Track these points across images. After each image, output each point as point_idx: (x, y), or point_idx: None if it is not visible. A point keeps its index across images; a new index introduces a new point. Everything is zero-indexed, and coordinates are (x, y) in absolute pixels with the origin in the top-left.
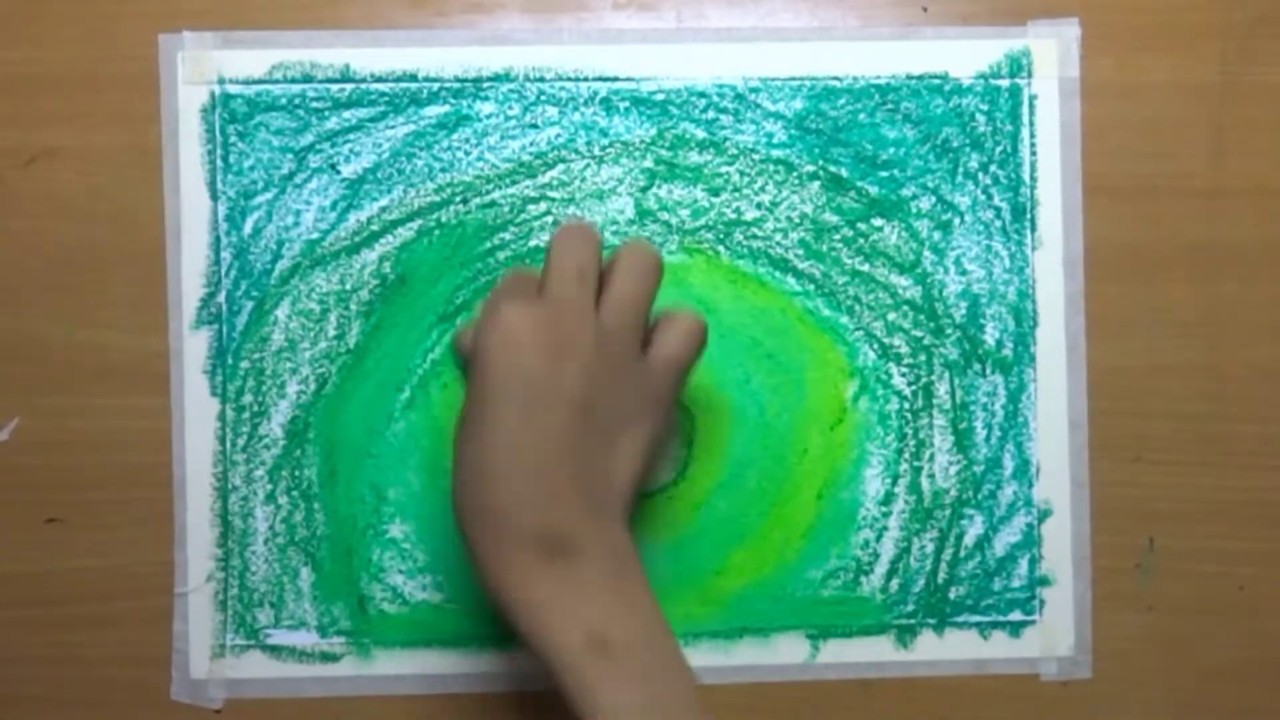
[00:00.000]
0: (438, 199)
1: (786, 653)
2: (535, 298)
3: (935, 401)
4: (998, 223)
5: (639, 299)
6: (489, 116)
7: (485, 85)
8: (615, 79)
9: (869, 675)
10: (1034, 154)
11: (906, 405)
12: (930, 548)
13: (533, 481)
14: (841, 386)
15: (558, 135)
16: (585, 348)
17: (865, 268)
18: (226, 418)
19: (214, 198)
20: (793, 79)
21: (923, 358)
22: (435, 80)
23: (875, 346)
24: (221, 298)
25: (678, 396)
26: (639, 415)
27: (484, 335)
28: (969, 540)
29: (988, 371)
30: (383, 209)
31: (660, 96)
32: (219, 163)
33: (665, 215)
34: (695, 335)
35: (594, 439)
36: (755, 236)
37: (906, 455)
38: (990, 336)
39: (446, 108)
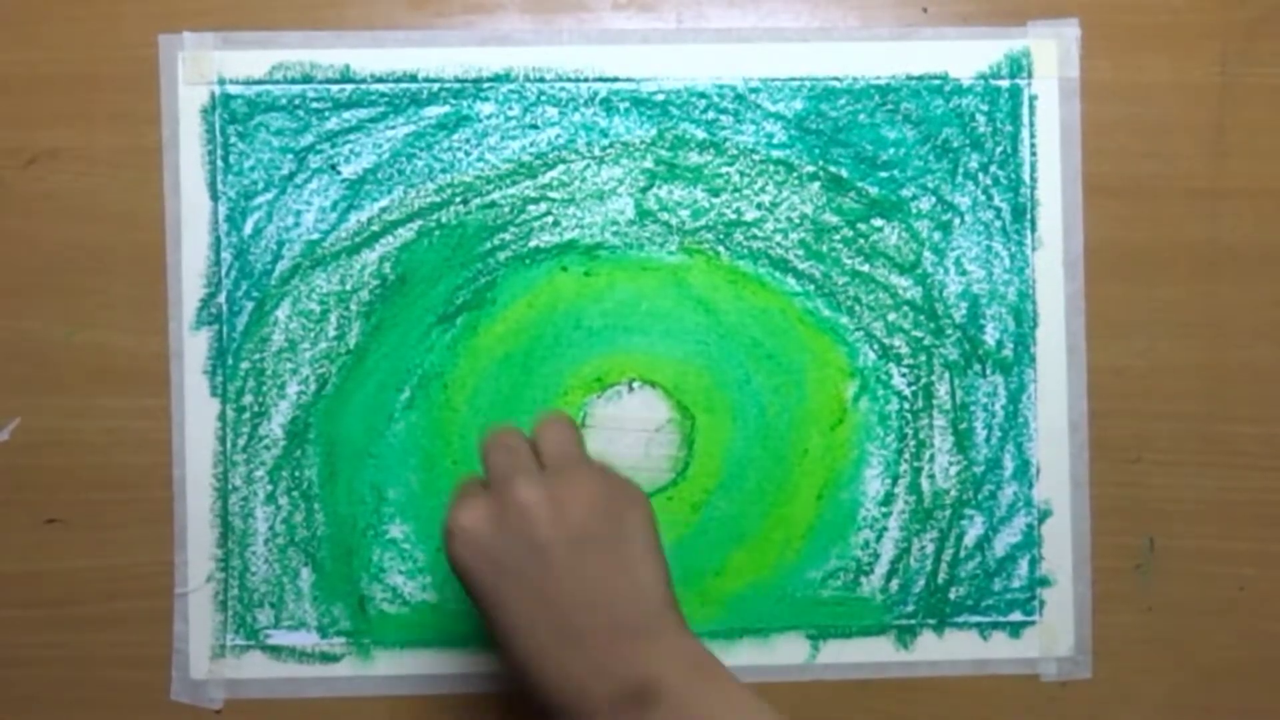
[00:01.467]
0: (438, 199)
1: (786, 653)
2: (482, 493)
3: (935, 402)
4: (998, 223)
5: (572, 438)
6: (489, 117)
7: (485, 86)
8: (615, 79)
9: (869, 676)
10: (1034, 154)
11: (907, 406)
12: (930, 548)
13: (580, 652)
14: (842, 387)
15: (558, 136)
16: (542, 505)
17: (865, 268)
18: (227, 418)
19: (214, 198)
20: (793, 79)
21: (923, 358)
22: (435, 81)
23: (875, 347)
24: (222, 298)
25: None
26: (627, 518)
27: (451, 550)
28: (969, 541)
29: (988, 372)
30: (383, 209)
31: (660, 97)
32: (219, 163)
33: (665, 216)
34: (566, 420)
35: (605, 570)
36: (755, 237)
37: (907, 456)
38: (990, 337)
39: (447, 108)
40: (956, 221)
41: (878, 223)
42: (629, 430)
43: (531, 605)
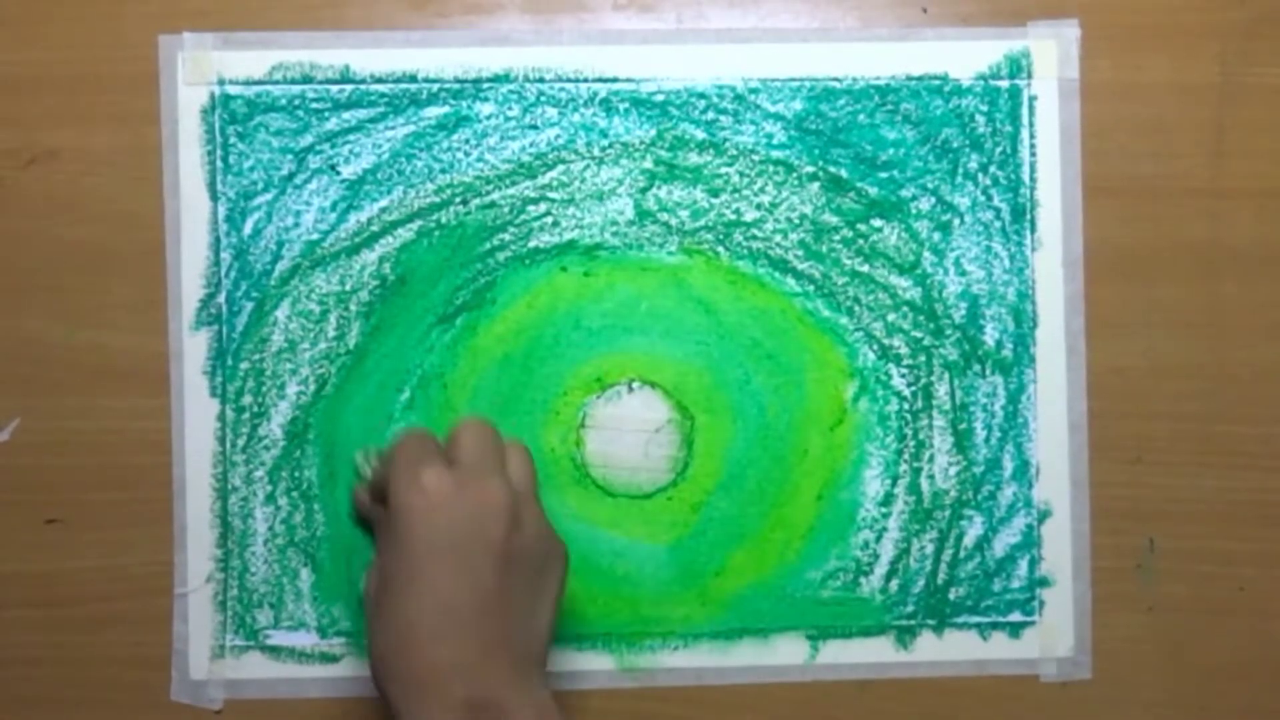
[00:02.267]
0: (437, 200)
1: (786, 653)
2: (446, 464)
3: (935, 402)
4: (997, 223)
5: (533, 474)
6: (489, 117)
7: (485, 86)
8: (615, 80)
9: (868, 676)
10: (1034, 155)
11: (906, 406)
12: (930, 548)
13: (463, 644)
14: (841, 387)
15: (557, 136)
16: (508, 505)
17: (865, 268)
18: (226, 418)
19: (214, 198)
20: (792, 80)
21: (922, 359)
22: (435, 81)
23: (875, 347)
24: (221, 298)
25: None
26: (550, 566)
27: (409, 499)
28: (969, 541)
29: (987, 372)
30: (382, 210)
31: (660, 97)
32: (219, 163)
33: (665, 216)
34: (529, 456)
35: (518, 596)
36: (755, 237)
37: (906, 456)
38: (990, 337)
39: (446, 109)
40: (956, 222)
41: (877, 223)
42: (629, 430)
43: (449, 585)
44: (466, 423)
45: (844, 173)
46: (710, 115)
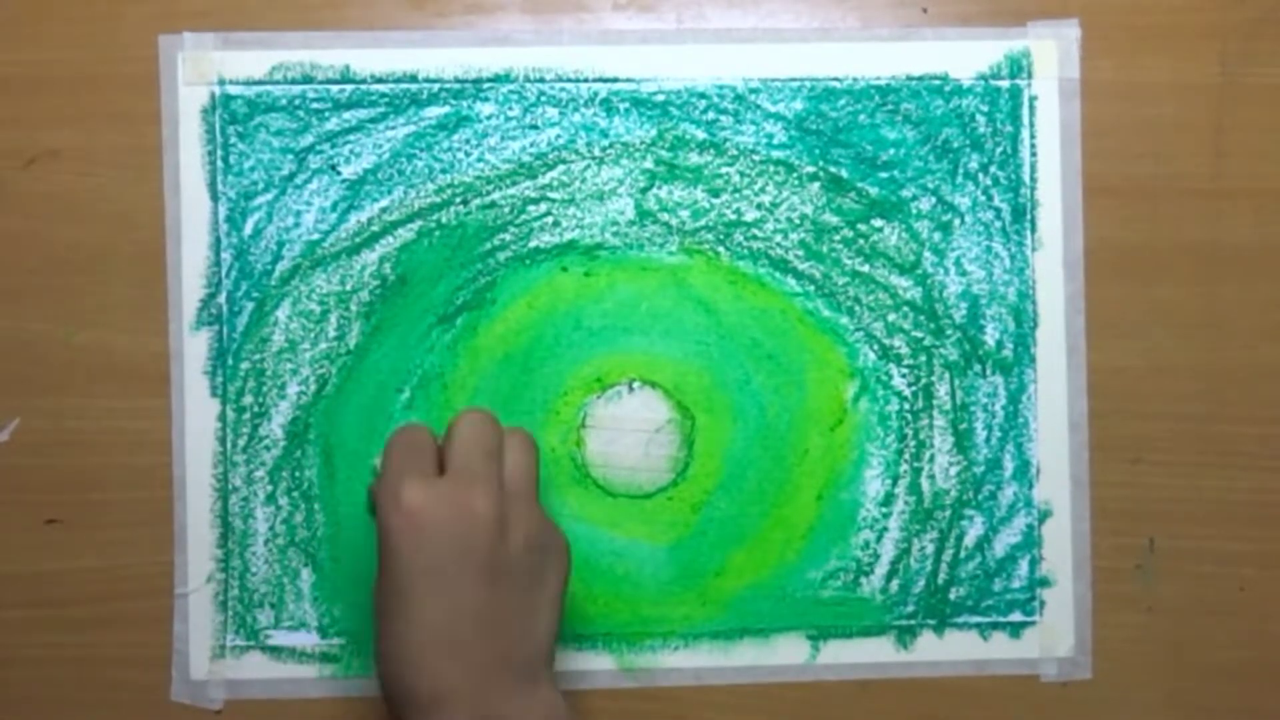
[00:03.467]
0: (438, 200)
1: (786, 653)
2: (434, 474)
3: (935, 402)
4: (998, 224)
5: (534, 468)
6: (489, 117)
7: (485, 86)
8: (615, 80)
9: (869, 676)
10: (1034, 155)
11: (907, 406)
12: (930, 548)
13: (460, 667)
14: (842, 387)
15: (558, 136)
16: (493, 519)
17: (865, 269)
18: (227, 418)
19: (214, 198)
20: (793, 80)
21: (923, 359)
22: (435, 81)
23: (875, 347)
24: (222, 299)
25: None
26: (548, 567)
27: (389, 518)
28: (969, 541)
29: (988, 372)
30: (383, 210)
31: (660, 97)
32: (219, 164)
33: (665, 216)
34: (532, 446)
35: (513, 605)
36: (755, 237)
37: (907, 456)
38: (990, 337)
39: (447, 109)
40: (956, 222)
41: (878, 223)
42: (629, 430)
43: (439, 607)
44: (463, 417)
45: (844, 173)
46: (711, 115)
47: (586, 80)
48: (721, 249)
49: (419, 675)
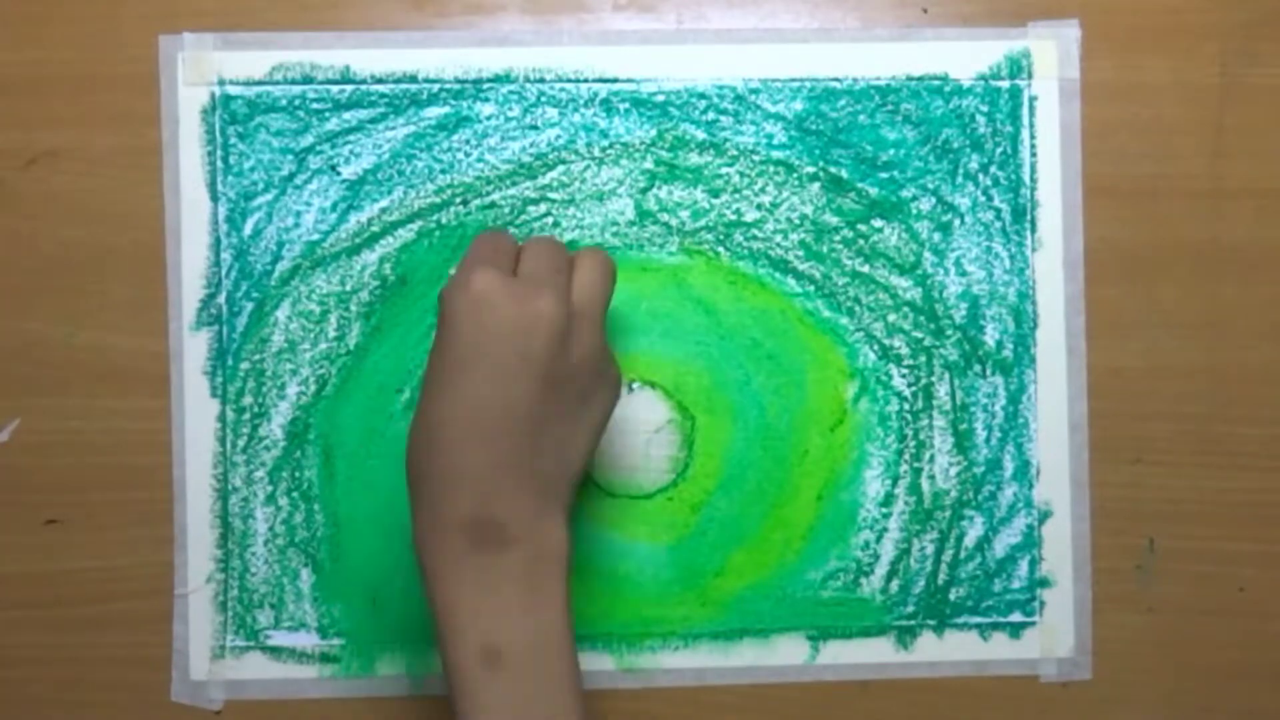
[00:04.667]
0: (438, 200)
1: (786, 654)
2: (507, 271)
3: (935, 403)
4: (998, 224)
5: (604, 290)
6: (489, 118)
7: (485, 86)
8: (615, 80)
9: (869, 676)
10: (1034, 155)
11: (907, 406)
12: (930, 549)
13: (483, 455)
14: (842, 387)
15: (558, 136)
16: (557, 323)
17: (865, 269)
18: (226, 419)
19: (214, 199)
20: (793, 80)
21: (923, 359)
22: (435, 81)
23: (875, 348)
24: (222, 299)
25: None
26: (598, 393)
27: (454, 298)
28: (969, 541)
29: (988, 373)
30: (383, 210)
31: (660, 98)
32: (219, 164)
33: (665, 216)
34: (607, 268)
35: (557, 415)
36: (755, 238)
37: (907, 456)
38: (990, 338)
39: (446, 109)
40: (956, 222)
41: (878, 223)
42: (629, 431)
43: (481, 393)
44: (535, 238)
45: (844, 173)
46: (710, 115)
47: (586, 80)
48: (721, 249)
49: (446, 452)
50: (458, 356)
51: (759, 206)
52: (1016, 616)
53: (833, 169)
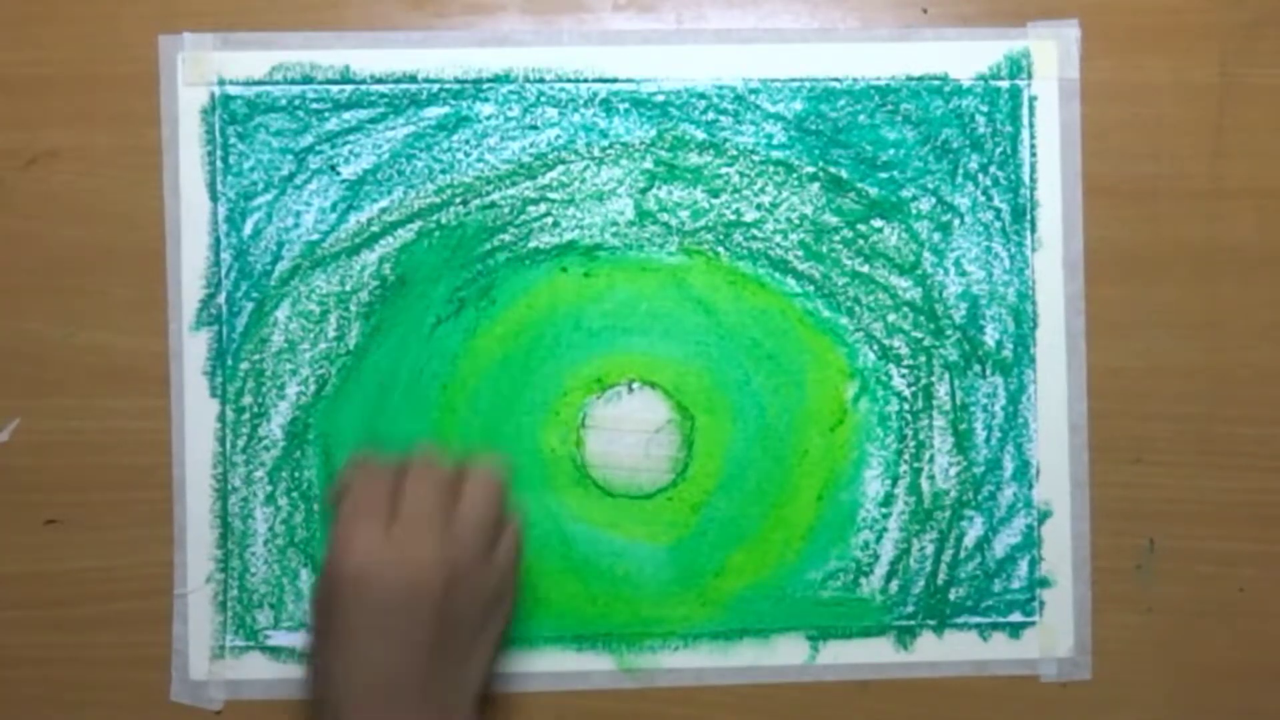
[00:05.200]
0: (437, 200)
1: (786, 654)
2: (386, 519)
3: (935, 403)
4: (997, 224)
5: (490, 515)
6: (489, 118)
7: (485, 86)
8: (615, 80)
9: (869, 676)
10: (1034, 155)
11: (906, 406)
12: (930, 549)
13: (385, 706)
14: (841, 388)
15: (557, 136)
16: (441, 573)
17: (865, 269)
18: (226, 419)
19: (214, 199)
20: (793, 80)
21: (923, 359)
22: (435, 81)
23: (875, 348)
24: (221, 299)
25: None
26: (491, 615)
27: (336, 562)
28: (969, 541)
29: (988, 373)
30: (383, 210)
31: (660, 98)
32: (219, 164)
33: (665, 216)
34: (491, 491)
35: (451, 655)
36: (755, 238)
37: (906, 456)
38: (990, 338)
39: (446, 109)
40: (956, 222)
41: (877, 223)
42: (629, 431)
43: (379, 651)
44: (415, 465)
45: (844, 173)
46: (710, 115)
47: (586, 80)
48: (721, 249)
49: (342, 707)
50: (349, 625)
51: (759, 206)
52: (1016, 616)
53: (832, 169)
